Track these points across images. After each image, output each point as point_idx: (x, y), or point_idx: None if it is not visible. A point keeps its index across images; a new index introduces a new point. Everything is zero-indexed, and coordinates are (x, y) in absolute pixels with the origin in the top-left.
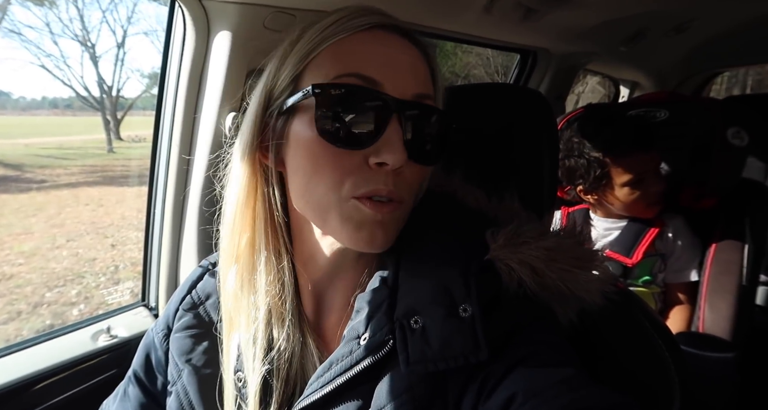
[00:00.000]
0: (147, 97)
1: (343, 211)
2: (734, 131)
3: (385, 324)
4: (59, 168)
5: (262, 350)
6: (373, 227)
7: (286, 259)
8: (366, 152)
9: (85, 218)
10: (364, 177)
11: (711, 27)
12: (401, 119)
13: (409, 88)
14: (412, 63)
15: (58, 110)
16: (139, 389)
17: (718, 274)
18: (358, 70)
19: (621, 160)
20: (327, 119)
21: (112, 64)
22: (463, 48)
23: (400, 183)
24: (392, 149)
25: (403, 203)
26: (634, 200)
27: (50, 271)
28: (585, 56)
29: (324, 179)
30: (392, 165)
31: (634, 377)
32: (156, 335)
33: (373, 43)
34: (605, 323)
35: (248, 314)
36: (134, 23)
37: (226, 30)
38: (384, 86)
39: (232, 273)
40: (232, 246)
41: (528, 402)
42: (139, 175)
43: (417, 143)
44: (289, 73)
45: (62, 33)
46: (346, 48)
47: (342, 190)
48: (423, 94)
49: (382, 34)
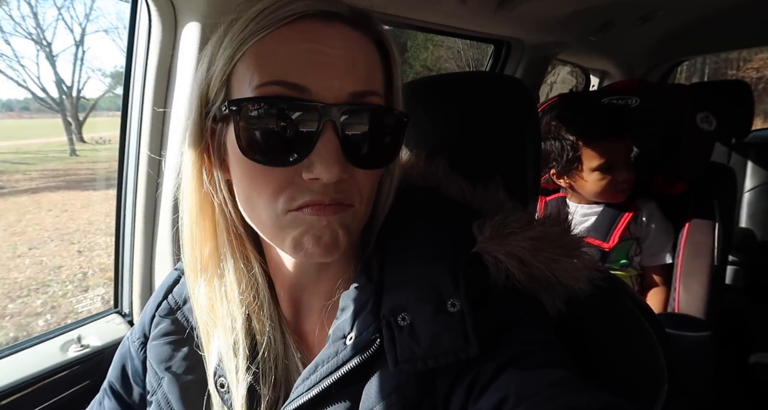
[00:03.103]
0: (110, 98)
1: (282, 225)
2: (703, 115)
3: (372, 323)
4: (17, 173)
5: (245, 360)
6: (319, 234)
7: (257, 265)
8: (298, 167)
9: (48, 224)
10: (300, 190)
11: (676, 16)
12: (335, 125)
13: (343, 87)
14: (348, 56)
15: (13, 112)
16: (116, 401)
17: (691, 256)
18: (280, 76)
19: (593, 144)
20: (249, 138)
21: (71, 64)
22: (434, 41)
23: (347, 189)
24: (325, 163)
25: (353, 207)
26: (602, 185)
27: (12, 281)
28: (557, 46)
29: (260, 196)
30: (327, 180)
31: (625, 363)
32: (132, 344)
33: (298, 40)
34: (594, 310)
35: (225, 325)
36: (93, 21)
37: (194, 21)
38: (312, 92)
39: (201, 286)
40: (194, 259)
41: (520, 405)
42: (105, 178)
43: (360, 149)
44: (218, 75)
45: (14, 31)
46: (268, 49)
47: (277, 206)
48: (362, 92)
49: (310, 25)
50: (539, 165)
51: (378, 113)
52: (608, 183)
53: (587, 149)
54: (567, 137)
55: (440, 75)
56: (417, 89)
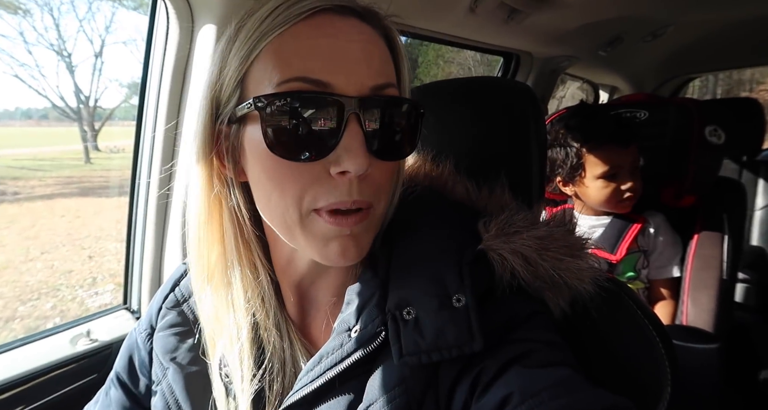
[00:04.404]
0: (126, 108)
1: (306, 227)
2: (711, 129)
3: (377, 316)
4: (33, 180)
5: (250, 370)
6: (342, 242)
7: (264, 272)
8: (325, 161)
9: (61, 229)
10: (326, 189)
11: (686, 33)
12: (360, 118)
13: (364, 80)
14: (366, 49)
15: (32, 120)
16: (122, 391)
17: (700, 269)
18: (302, 73)
19: (596, 151)
20: (276, 133)
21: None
22: (444, 58)
23: (367, 188)
24: (353, 155)
25: (372, 208)
26: (606, 194)
27: (23, 284)
28: (566, 60)
29: (284, 195)
30: (355, 173)
31: (627, 365)
32: (139, 335)
33: (317, 36)
34: (597, 311)
35: (231, 334)
36: (112, 32)
37: (211, 23)
38: (334, 86)
39: (207, 294)
40: (201, 265)
41: (524, 403)
42: (118, 185)
43: (382, 141)
44: (232, 76)
45: (37, 42)
46: (287, 45)
47: (302, 205)
48: (382, 85)
49: (326, 20)
50: (545, 169)
51: (398, 104)
52: (611, 192)
53: (591, 156)
54: (572, 143)
55: (448, 80)
56: (425, 93)
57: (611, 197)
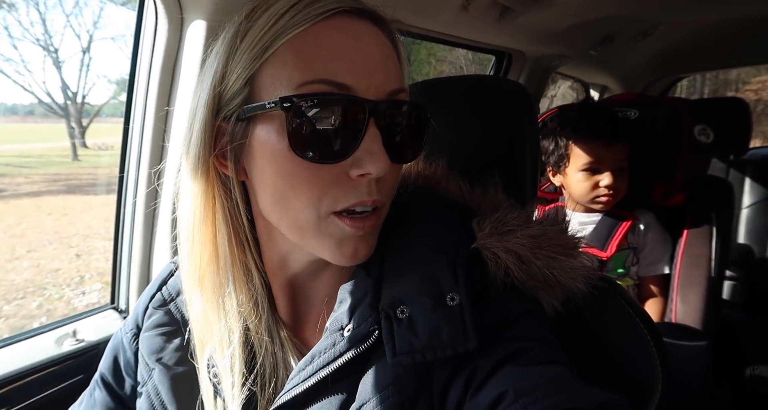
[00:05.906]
0: (115, 104)
1: (322, 228)
2: (700, 128)
3: (370, 315)
4: (19, 177)
5: (241, 376)
6: (355, 242)
7: (257, 275)
8: (345, 164)
9: (48, 227)
10: (345, 190)
11: (676, 33)
12: (379, 122)
13: (383, 85)
14: (383, 54)
15: (17, 116)
16: (107, 392)
17: (689, 267)
18: (325, 74)
19: (581, 144)
20: (300, 135)
21: (77, 70)
22: (437, 56)
23: (383, 188)
24: (374, 158)
25: (384, 206)
26: (585, 188)
27: (9, 283)
28: (557, 59)
29: (300, 197)
30: (376, 175)
31: (619, 363)
32: (125, 335)
33: (340, 38)
34: (590, 310)
35: (221, 338)
36: (100, 28)
37: (200, 19)
38: (357, 90)
39: (197, 296)
40: (193, 266)
41: (519, 401)
42: (106, 183)
43: (398, 144)
44: (241, 72)
45: (22, 37)
46: (308, 45)
47: (321, 207)
48: (397, 90)
49: (346, 22)
50: (537, 167)
51: (412, 108)
52: (590, 186)
53: (575, 148)
54: (562, 134)
55: (441, 78)
56: (417, 92)
57: (589, 191)
